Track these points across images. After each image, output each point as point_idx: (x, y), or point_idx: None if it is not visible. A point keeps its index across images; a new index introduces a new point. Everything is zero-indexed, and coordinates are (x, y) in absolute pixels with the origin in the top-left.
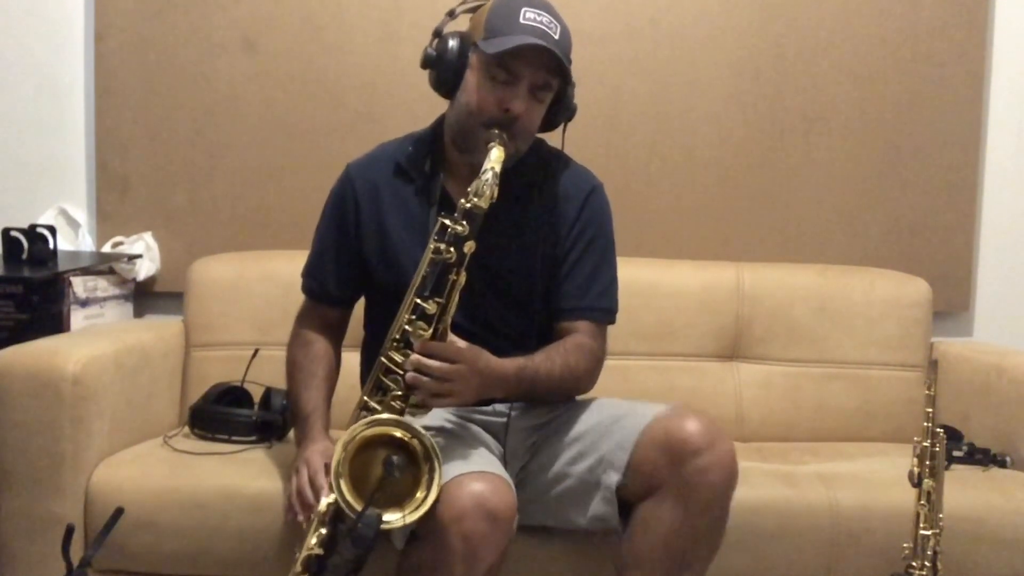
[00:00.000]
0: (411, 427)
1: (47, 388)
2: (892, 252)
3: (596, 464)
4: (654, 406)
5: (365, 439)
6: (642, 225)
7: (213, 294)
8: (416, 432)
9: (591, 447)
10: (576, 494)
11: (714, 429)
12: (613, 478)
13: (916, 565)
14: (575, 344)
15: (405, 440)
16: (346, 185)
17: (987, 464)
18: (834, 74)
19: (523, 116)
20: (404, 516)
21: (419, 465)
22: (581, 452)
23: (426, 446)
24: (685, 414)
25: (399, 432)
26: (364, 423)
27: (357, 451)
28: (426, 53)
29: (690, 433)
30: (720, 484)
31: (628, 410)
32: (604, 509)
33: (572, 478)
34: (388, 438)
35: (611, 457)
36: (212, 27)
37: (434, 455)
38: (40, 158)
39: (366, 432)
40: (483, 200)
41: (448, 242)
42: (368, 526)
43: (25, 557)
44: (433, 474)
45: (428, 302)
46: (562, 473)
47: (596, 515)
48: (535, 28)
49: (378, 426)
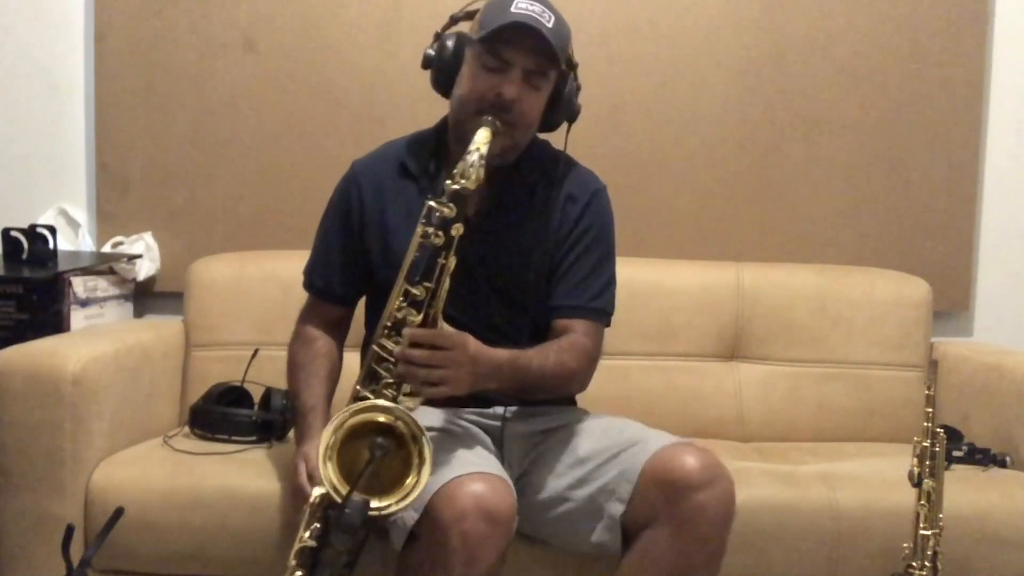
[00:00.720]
0: (395, 410)
1: (47, 388)
2: (892, 252)
3: (599, 492)
4: (660, 436)
5: (353, 426)
6: (642, 225)
7: (213, 294)
8: (399, 413)
9: (594, 474)
10: (577, 519)
11: (715, 465)
12: (617, 508)
13: (916, 565)
14: (569, 342)
15: (390, 423)
16: (350, 182)
17: (987, 464)
18: (834, 74)
19: (518, 103)
20: (394, 502)
21: (408, 450)
22: (584, 478)
23: (411, 427)
24: (686, 449)
25: (383, 416)
26: (349, 409)
27: (347, 440)
28: (426, 54)
29: (690, 469)
30: (717, 521)
31: (634, 438)
32: (606, 537)
33: (573, 502)
34: (376, 425)
35: (615, 487)
36: (212, 27)
37: (422, 437)
38: (40, 158)
39: (353, 419)
40: (470, 181)
41: (436, 225)
42: (355, 511)
43: (25, 557)
44: (423, 458)
45: (417, 287)
46: (563, 496)
47: (598, 542)
48: (525, 15)
49: (363, 412)
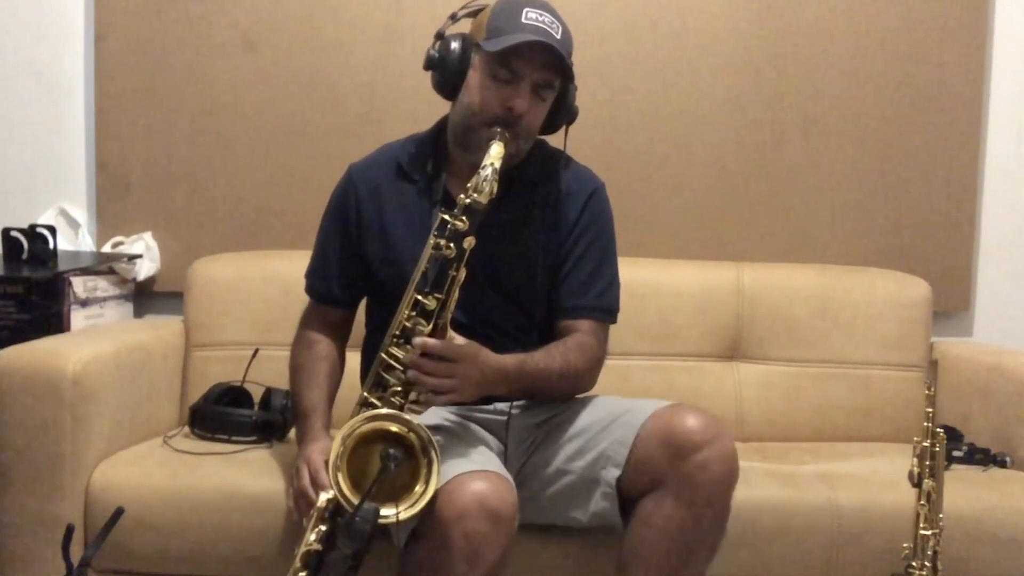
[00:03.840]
0: (408, 421)
1: (47, 388)
2: (892, 252)
3: (596, 460)
4: (654, 402)
5: (363, 434)
6: (642, 225)
7: (213, 294)
8: (413, 426)
9: (591, 443)
10: (576, 490)
11: (715, 424)
12: (613, 473)
13: (916, 565)
14: (576, 343)
15: (402, 434)
16: (348, 186)
17: (987, 464)
18: (834, 74)
19: (526, 115)
20: (402, 510)
21: (417, 459)
22: (581, 448)
23: (423, 439)
24: (686, 409)
25: (395, 427)
26: (361, 418)
27: (356, 447)
28: (429, 55)
29: (691, 428)
30: (721, 479)
31: (628, 406)
32: (604, 505)
33: (572, 474)
34: (386, 433)
35: (611, 452)
36: (212, 27)
37: (432, 448)
38: (40, 158)
39: (364, 427)
40: (483, 196)
41: (448, 237)
42: (365, 520)
43: (25, 557)
44: (431, 468)
45: (428, 298)
46: (562, 470)
47: (596, 511)
48: (537, 27)
49: (375, 421)
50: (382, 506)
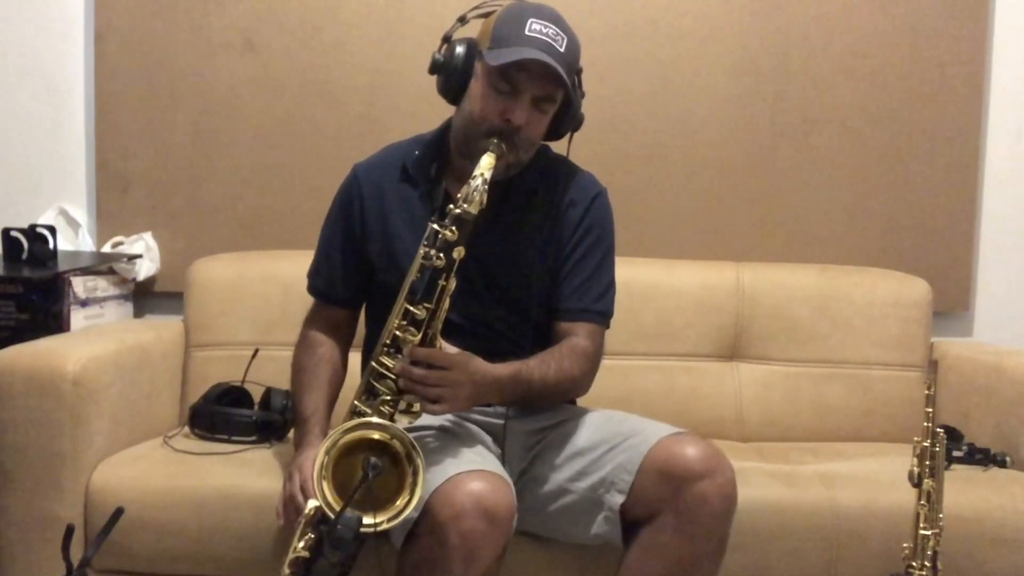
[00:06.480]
0: (390, 428)
1: (47, 388)
2: (892, 252)
3: (599, 483)
4: (659, 427)
5: (348, 443)
6: (642, 225)
7: (213, 294)
8: (396, 432)
9: (594, 465)
10: (577, 511)
11: (715, 455)
12: (617, 499)
13: (916, 565)
14: (571, 348)
15: (386, 441)
16: (352, 185)
17: (987, 464)
18: (834, 74)
19: (524, 127)
20: (387, 520)
21: (403, 467)
22: (583, 470)
23: (406, 445)
24: (687, 438)
25: (378, 434)
26: (343, 427)
27: (343, 455)
28: (434, 58)
29: (691, 459)
30: (720, 513)
31: (633, 429)
32: (606, 528)
33: (573, 495)
34: (373, 442)
35: (614, 478)
36: (212, 27)
37: (416, 455)
38: (40, 158)
39: (346, 438)
40: (472, 206)
41: (438, 248)
42: (347, 528)
43: (25, 557)
44: (416, 476)
45: (418, 307)
46: (564, 488)
47: (598, 533)
48: (540, 40)
49: (357, 430)
50: (366, 514)
